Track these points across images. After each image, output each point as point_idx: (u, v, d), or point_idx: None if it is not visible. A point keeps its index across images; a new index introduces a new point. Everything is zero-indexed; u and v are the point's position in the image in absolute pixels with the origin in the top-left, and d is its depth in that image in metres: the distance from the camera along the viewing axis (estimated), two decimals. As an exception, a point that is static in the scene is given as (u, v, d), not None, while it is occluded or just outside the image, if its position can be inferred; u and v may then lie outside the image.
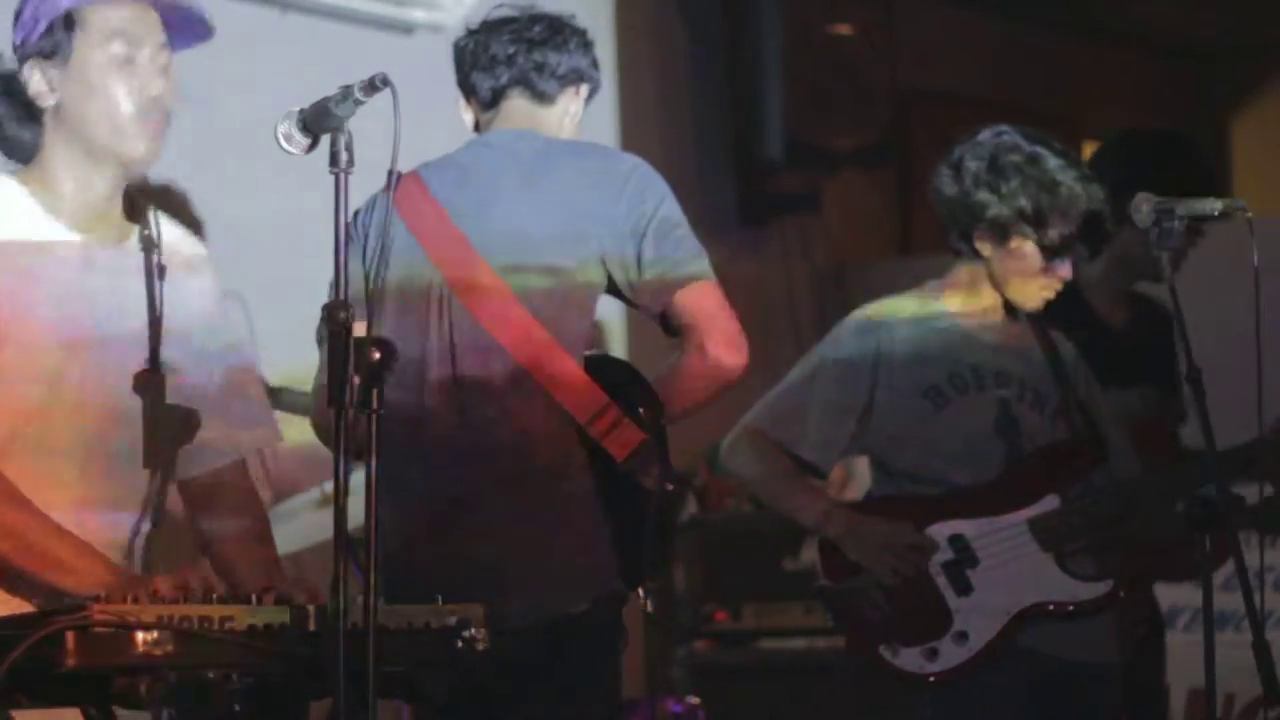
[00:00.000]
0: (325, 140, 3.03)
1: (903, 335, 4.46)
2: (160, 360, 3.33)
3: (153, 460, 3.32)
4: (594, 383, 3.87)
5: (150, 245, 3.37)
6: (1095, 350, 4.67)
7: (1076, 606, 4.38)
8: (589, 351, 3.95)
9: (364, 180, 3.10)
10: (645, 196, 3.94)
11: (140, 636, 2.81)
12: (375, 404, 2.90)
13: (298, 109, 3.07)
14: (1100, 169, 4.56)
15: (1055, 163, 4.39)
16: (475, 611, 3.09)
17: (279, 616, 2.93)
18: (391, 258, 3.92)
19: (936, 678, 4.34)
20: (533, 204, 3.94)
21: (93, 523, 3.24)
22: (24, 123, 3.31)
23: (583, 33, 4.15)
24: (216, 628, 2.87)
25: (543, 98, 4.10)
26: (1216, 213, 3.97)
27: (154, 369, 3.32)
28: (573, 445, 3.85)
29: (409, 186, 3.97)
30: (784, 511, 4.64)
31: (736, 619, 6.73)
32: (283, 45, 5.75)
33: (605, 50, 4.29)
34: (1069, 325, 4.62)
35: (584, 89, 4.15)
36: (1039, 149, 4.41)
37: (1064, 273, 4.42)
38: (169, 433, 3.36)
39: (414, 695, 3.14)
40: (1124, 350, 4.90)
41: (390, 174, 3.02)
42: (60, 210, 3.29)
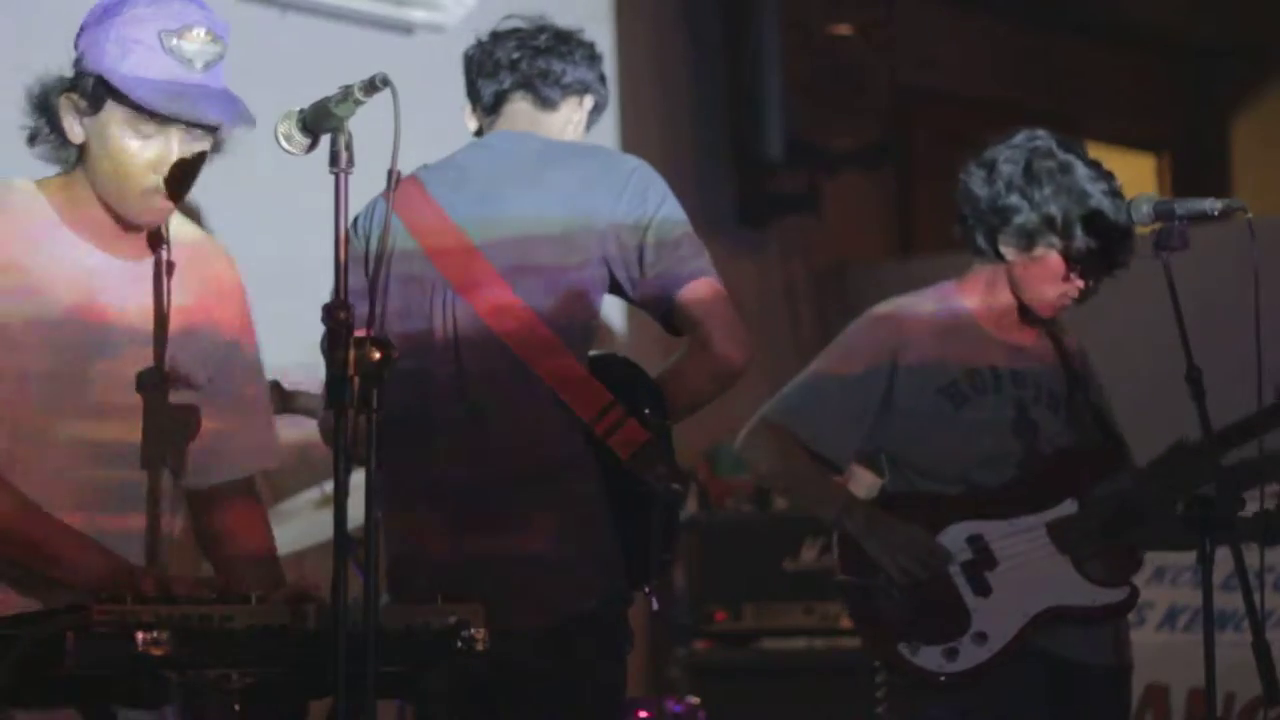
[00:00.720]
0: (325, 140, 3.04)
1: (921, 333, 4.46)
2: (169, 365, 3.33)
3: (153, 461, 3.32)
4: (598, 381, 3.87)
5: (158, 242, 3.37)
6: None
7: (1095, 611, 4.38)
8: (593, 351, 3.95)
9: (363, 181, 3.10)
10: (647, 196, 3.94)
11: (140, 636, 2.81)
12: (375, 404, 2.90)
13: (298, 109, 3.07)
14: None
15: (1085, 173, 4.38)
16: (475, 611, 3.09)
17: (279, 616, 2.93)
18: (393, 260, 3.92)
19: (955, 678, 4.33)
20: (534, 203, 3.94)
21: (108, 525, 3.25)
22: (61, 145, 3.29)
23: (590, 46, 4.16)
24: (216, 628, 2.87)
25: (545, 104, 4.10)
26: (1216, 213, 3.97)
27: (157, 367, 3.31)
28: (578, 444, 3.85)
29: (407, 189, 3.96)
30: (802, 504, 4.62)
31: (736, 619, 6.72)
32: (283, 45, 5.75)
33: (605, 50, 4.28)
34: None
35: (588, 100, 4.15)
36: (1071, 158, 4.40)
37: (1079, 283, 4.41)
38: (171, 433, 3.36)
39: (414, 695, 3.13)
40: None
41: (390, 174, 3.02)
42: (80, 225, 3.29)
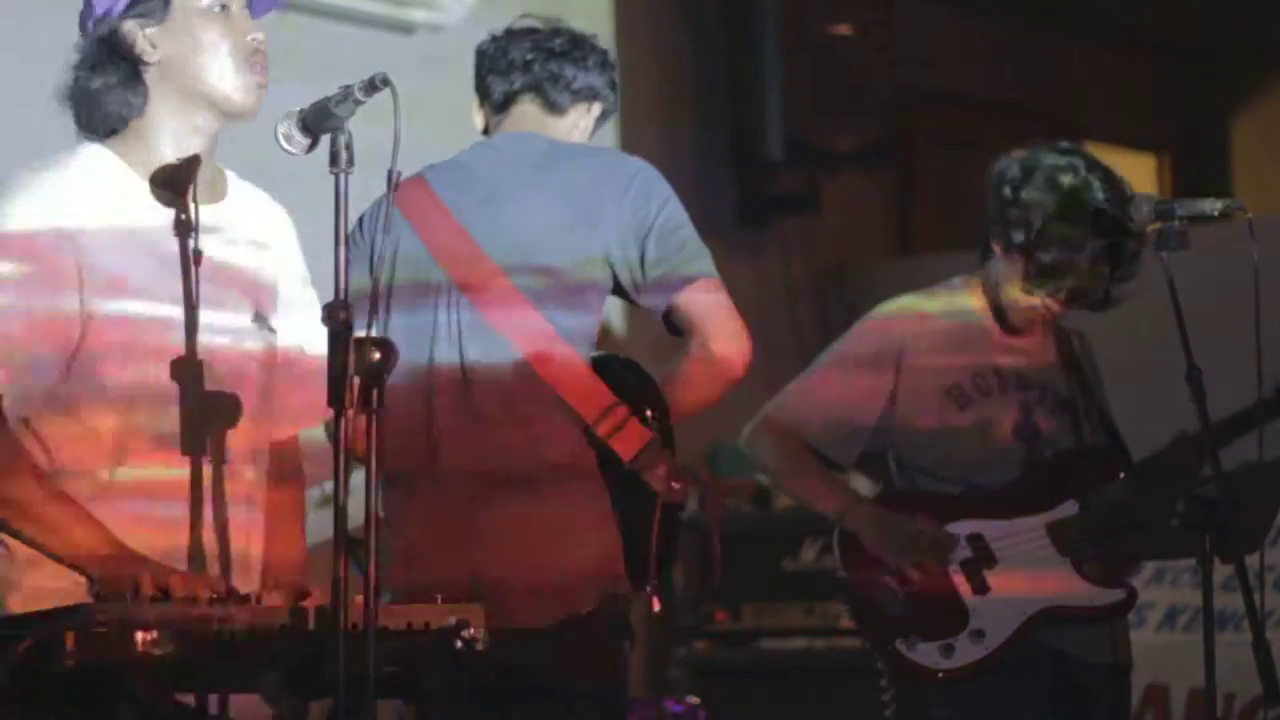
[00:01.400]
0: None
1: (926, 332, 4.46)
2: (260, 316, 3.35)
3: (194, 447, 3.29)
4: (601, 382, 3.87)
5: (186, 229, 3.35)
6: None
7: (1093, 611, 4.39)
8: (596, 352, 3.96)
9: (365, 180, 3.10)
10: (650, 198, 3.95)
11: (140, 636, 2.81)
12: (375, 404, 2.90)
13: (298, 109, 3.07)
14: None
15: (1101, 199, 4.35)
16: (475, 611, 3.09)
17: (279, 617, 2.93)
18: (398, 260, 3.93)
19: (951, 674, 4.34)
20: (538, 204, 3.94)
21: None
22: (128, 85, 3.29)
23: (604, 53, 4.16)
24: (216, 628, 2.87)
25: (554, 108, 4.10)
26: (1216, 213, 3.97)
27: (191, 354, 3.30)
28: (580, 444, 3.86)
29: (414, 189, 3.97)
30: (805, 502, 4.64)
31: (736, 619, 6.72)
32: (283, 45, 5.74)
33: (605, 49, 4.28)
34: None
35: (596, 107, 4.16)
36: (1094, 180, 4.36)
37: (1053, 305, 4.39)
38: (213, 418, 3.33)
39: (414, 695, 3.13)
40: None
41: (390, 174, 3.02)
42: (152, 167, 3.29)
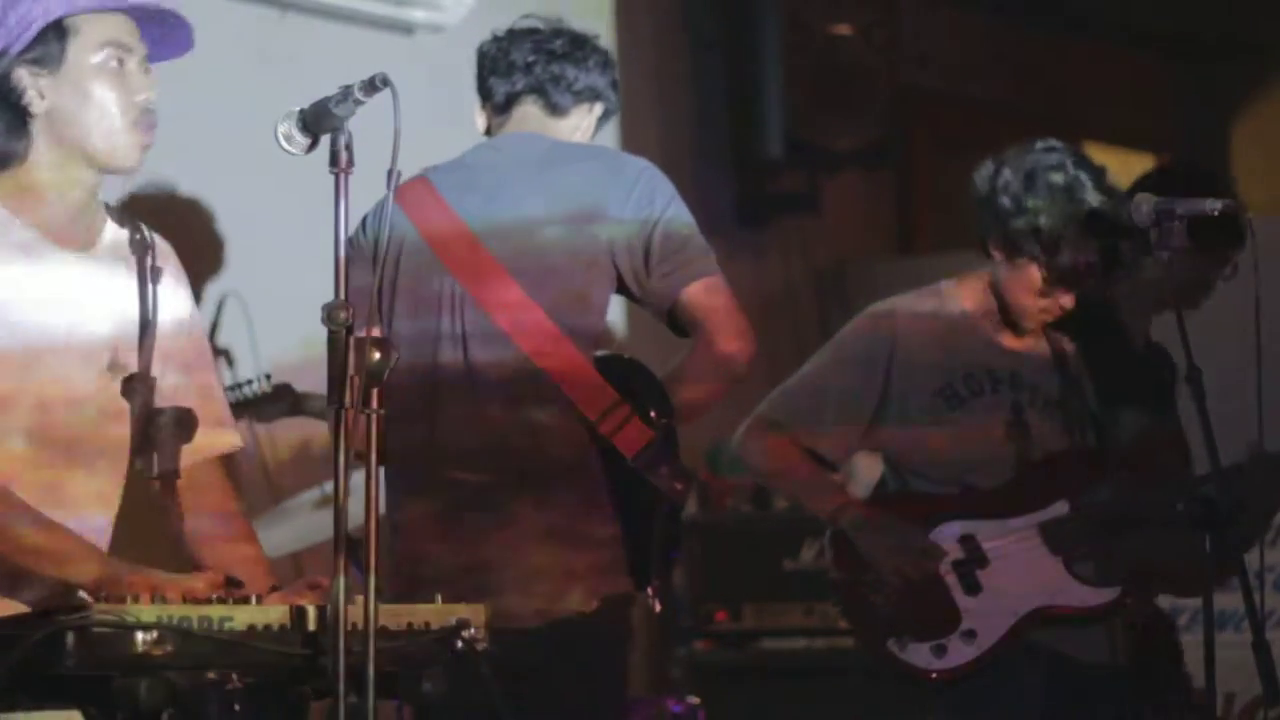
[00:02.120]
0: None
1: (918, 332, 4.46)
2: (117, 363, 3.33)
3: (145, 461, 3.32)
4: (605, 381, 3.88)
5: (143, 249, 3.38)
6: (1110, 364, 4.63)
7: (1083, 611, 4.38)
8: (600, 351, 3.96)
9: (367, 181, 3.10)
10: (654, 197, 3.96)
11: (140, 636, 2.81)
12: (376, 404, 2.91)
13: (298, 109, 3.07)
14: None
15: (1093, 194, 4.35)
16: (475, 611, 3.09)
17: (279, 616, 2.93)
18: (402, 260, 3.93)
19: (944, 674, 4.34)
20: (543, 203, 3.95)
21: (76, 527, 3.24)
22: (12, 132, 3.29)
23: (605, 53, 4.17)
24: (216, 628, 2.87)
25: (555, 109, 4.11)
26: (1216, 213, 3.97)
27: (145, 372, 3.32)
28: (584, 443, 3.86)
29: (418, 190, 3.98)
30: (797, 502, 4.63)
31: (736, 619, 6.71)
32: (283, 45, 5.74)
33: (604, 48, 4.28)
34: (1096, 334, 4.58)
35: (597, 107, 4.17)
36: (1082, 175, 4.36)
37: (1066, 301, 4.39)
38: (163, 434, 3.36)
39: (414, 695, 3.13)
40: (1133, 372, 4.85)
41: (390, 174, 3.03)
42: (34, 214, 3.29)
